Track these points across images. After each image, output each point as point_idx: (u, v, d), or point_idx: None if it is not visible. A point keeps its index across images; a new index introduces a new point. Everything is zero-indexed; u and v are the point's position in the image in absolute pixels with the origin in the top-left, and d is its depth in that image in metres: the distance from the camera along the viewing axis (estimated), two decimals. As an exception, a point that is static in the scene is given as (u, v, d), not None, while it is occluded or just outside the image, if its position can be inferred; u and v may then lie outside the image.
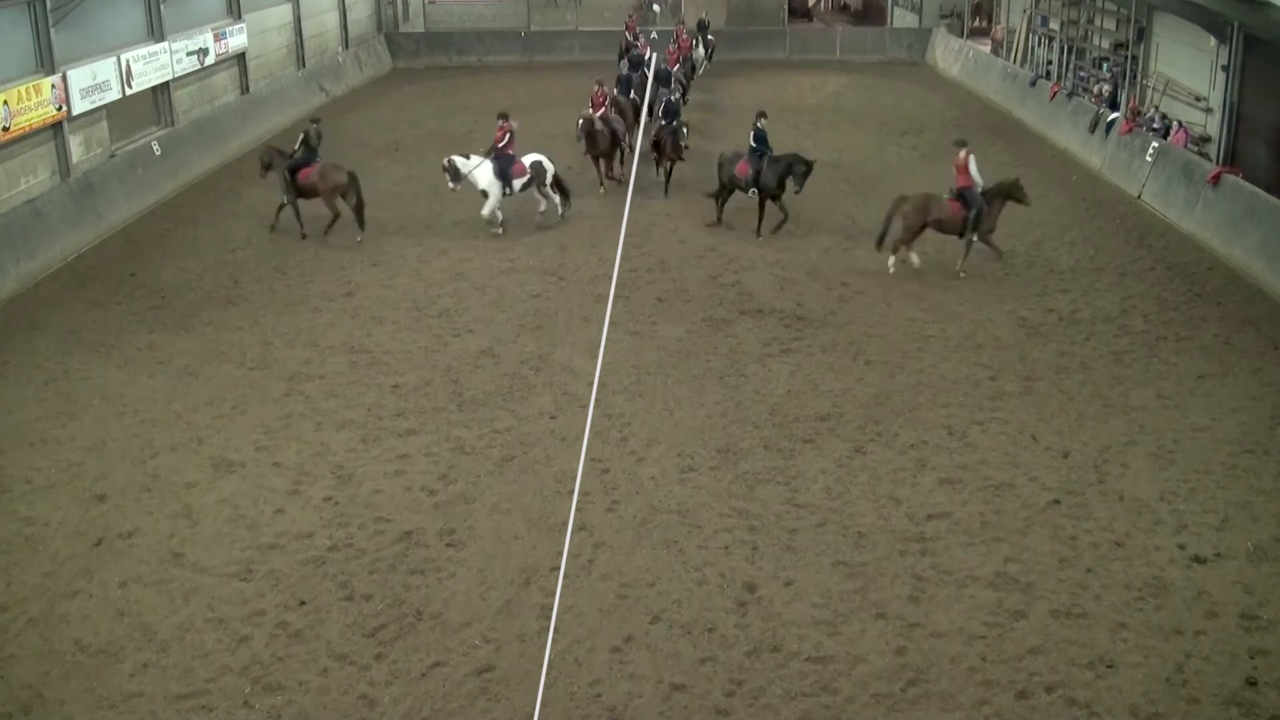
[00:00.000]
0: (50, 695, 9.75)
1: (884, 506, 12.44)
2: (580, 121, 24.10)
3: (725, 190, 21.83)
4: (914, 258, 19.40)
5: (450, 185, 21.73)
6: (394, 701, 9.64)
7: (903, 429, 14.14)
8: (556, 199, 22.30)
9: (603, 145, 24.26)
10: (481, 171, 21.49)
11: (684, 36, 34.69)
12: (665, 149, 24.05)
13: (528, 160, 21.79)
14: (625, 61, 29.14)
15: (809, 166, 20.95)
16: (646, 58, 28.83)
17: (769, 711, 9.50)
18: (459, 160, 21.66)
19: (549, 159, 22.22)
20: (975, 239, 19.29)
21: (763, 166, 21.09)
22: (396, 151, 28.60)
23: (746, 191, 21.40)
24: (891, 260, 19.35)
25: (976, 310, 17.91)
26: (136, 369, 16.18)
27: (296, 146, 21.97)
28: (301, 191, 21.59)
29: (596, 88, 25.14)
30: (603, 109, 24.77)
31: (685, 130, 23.95)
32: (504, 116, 21.74)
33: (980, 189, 19.15)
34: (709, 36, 38.23)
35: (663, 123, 24.10)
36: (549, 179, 22.08)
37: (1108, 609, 10.65)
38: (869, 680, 9.80)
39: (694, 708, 9.55)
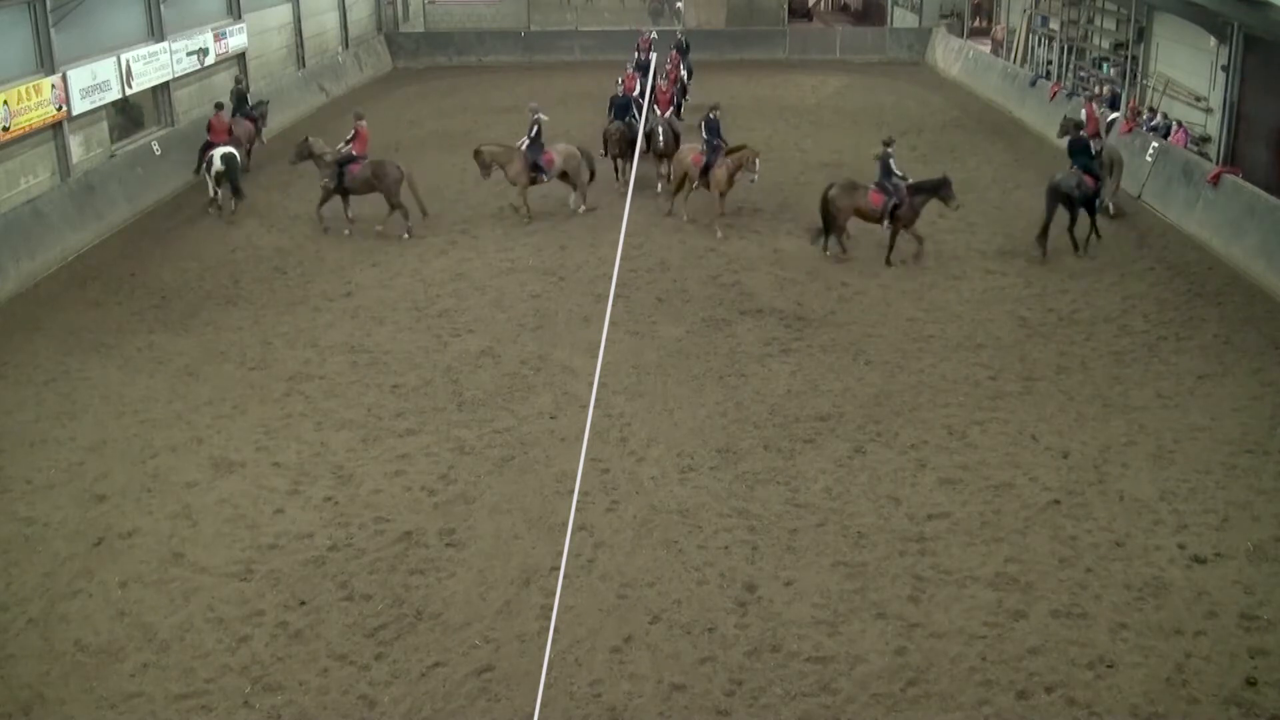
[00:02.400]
0: (50, 695, 9.75)
1: (884, 506, 12.44)
2: (300, 143, 22.24)
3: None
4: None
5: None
6: (394, 701, 9.64)
7: (903, 429, 14.14)
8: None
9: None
10: None
11: (671, 68, 30.26)
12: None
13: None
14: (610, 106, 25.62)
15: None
16: (635, 94, 26.02)
17: (769, 711, 9.50)
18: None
19: (227, 154, 22.90)
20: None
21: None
22: (396, 152, 28.57)
23: None
24: None
25: (976, 310, 17.91)
26: (136, 369, 16.18)
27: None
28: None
29: (357, 122, 21.89)
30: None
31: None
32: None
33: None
34: (689, 60, 33.83)
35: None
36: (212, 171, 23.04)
37: (1108, 609, 10.65)
38: (869, 680, 9.80)
39: (694, 708, 9.55)
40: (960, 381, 15.43)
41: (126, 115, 26.14)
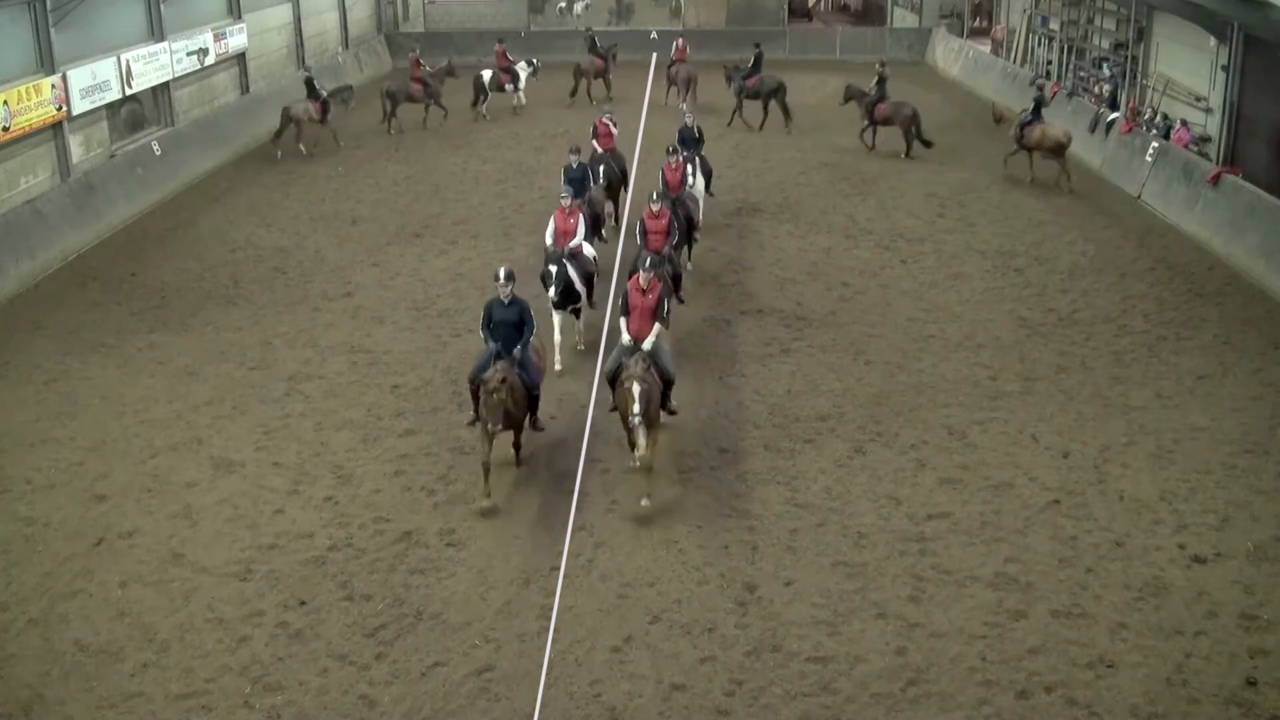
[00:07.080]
0: (50, 695, 9.75)
1: (884, 506, 12.44)
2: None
3: None
4: None
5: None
6: (394, 701, 9.64)
7: (903, 429, 14.14)
8: None
9: None
10: None
11: (672, 165, 19.29)
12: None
13: None
14: (551, 247, 16.23)
15: None
16: (571, 248, 16.05)
17: (769, 711, 9.49)
18: None
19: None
20: None
21: None
22: (396, 152, 28.59)
23: None
24: None
25: (976, 310, 17.90)
26: (136, 369, 16.18)
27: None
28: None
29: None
30: None
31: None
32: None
33: None
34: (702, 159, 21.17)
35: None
36: None
37: (1108, 609, 10.65)
38: (869, 680, 9.80)
39: (694, 708, 9.55)
40: (960, 381, 15.43)
41: (130, 114, 26.17)
